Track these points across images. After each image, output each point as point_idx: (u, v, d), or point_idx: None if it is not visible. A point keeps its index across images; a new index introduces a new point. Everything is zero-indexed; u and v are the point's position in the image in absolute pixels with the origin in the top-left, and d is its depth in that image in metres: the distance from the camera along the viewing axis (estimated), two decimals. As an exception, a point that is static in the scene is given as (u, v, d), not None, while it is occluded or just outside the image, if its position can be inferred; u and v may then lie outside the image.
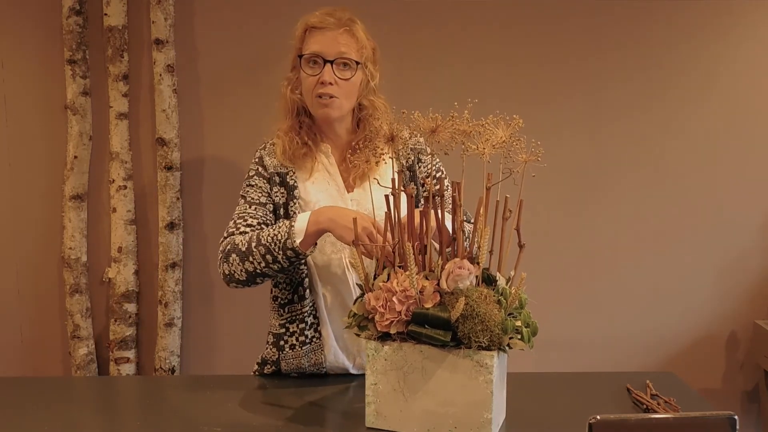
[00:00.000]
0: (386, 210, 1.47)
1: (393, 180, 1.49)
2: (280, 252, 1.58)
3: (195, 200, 2.78)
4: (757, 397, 2.92)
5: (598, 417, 1.11)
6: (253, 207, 1.71)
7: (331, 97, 1.67)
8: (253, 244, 1.60)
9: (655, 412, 1.55)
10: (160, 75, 2.65)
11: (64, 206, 2.70)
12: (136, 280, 2.77)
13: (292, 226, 1.57)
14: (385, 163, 1.54)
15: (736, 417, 1.14)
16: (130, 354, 2.76)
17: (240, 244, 1.63)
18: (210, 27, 2.70)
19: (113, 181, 2.70)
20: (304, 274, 1.73)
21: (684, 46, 2.73)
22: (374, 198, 1.59)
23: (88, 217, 2.73)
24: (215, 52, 2.71)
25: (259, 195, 1.73)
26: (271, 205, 1.73)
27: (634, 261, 2.84)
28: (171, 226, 2.71)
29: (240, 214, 1.71)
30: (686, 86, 2.76)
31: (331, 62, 1.66)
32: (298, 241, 1.56)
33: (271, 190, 1.73)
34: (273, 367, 1.80)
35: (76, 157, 2.67)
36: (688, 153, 2.79)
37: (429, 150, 1.75)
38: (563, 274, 2.83)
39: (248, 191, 1.74)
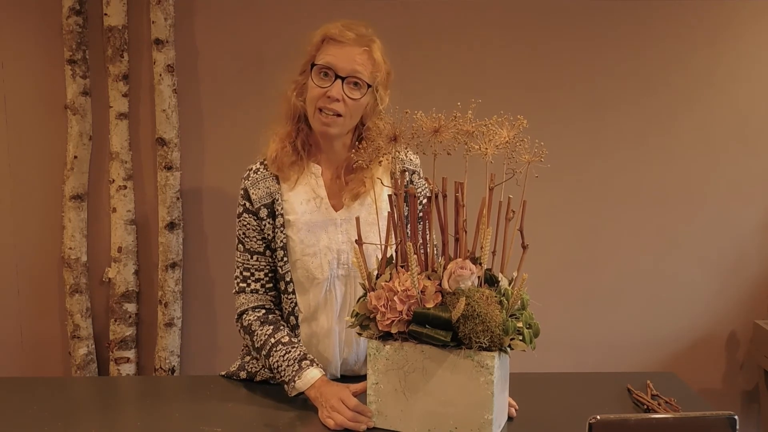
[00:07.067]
0: (388, 210, 1.47)
1: (395, 180, 1.49)
2: (278, 379, 1.67)
3: (195, 200, 2.77)
4: (757, 397, 2.92)
5: (599, 417, 1.11)
6: (254, 257, 1.73)
7: (337, 114, 1.62)
8: (263, 352, 1.68)
9: (656, 412, 1.56)
10: (160, 75, 2.65)
11: (64, 206, 2.70)
12: (136, 280, 2.76)
13: (296, 379, 1.60)
14: (387, 162, 1.54)
15: (736, 417, 1.14)
16: (130, 354, 2.76)
17: (255, 337, 1.70)
18: (210, 27, 2.69)
19: (113, 181, 2.70)
20: (293, 304, 1.73)
21: (684, 46, 2.73)
22: (374, 212, 1.60)
23: (88, 217, 2.73)
24: (215, 52, 2.70)
25: (256, 242, 1.72)
26: (268, 250, 1.73)
27: (635, 261, 2.84)
28: (171, 226, 2.71)
29: (245, 266, 1.74)
30: (686, 87, 2.75)
31: (343, 78, 1.61)
32: (292, 394, 1.63)
33: (261, 224, 1.71)
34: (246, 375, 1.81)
35: (76, 157, 2.67)
36: (689, 153, 2.79)
37: (422, 173, 1.74)
38: (563, 275, 2.83)
39: (244, 235, 1.73)
